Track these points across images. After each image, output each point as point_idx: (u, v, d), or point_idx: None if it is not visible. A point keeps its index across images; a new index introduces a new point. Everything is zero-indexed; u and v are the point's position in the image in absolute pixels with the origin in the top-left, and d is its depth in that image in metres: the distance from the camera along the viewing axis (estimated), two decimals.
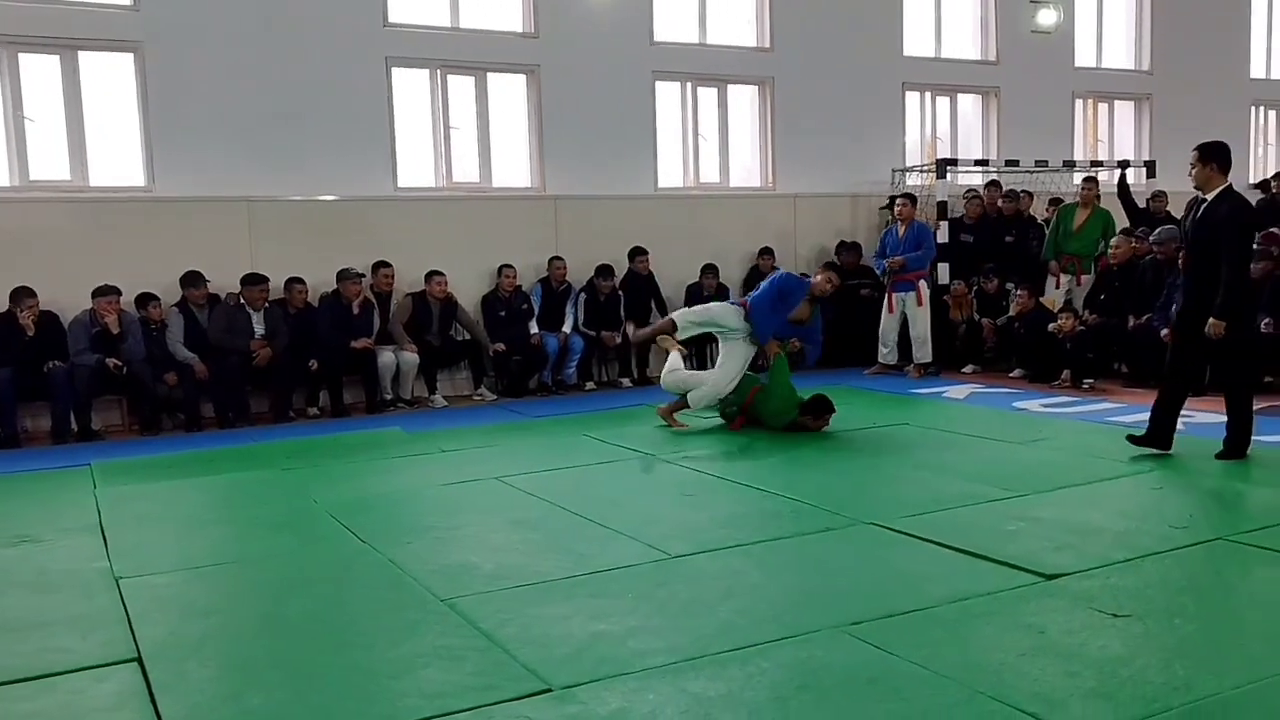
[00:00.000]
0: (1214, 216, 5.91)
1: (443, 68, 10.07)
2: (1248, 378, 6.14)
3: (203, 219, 8.99)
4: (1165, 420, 6.25)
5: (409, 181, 10.01)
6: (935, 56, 12.51)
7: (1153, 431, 6.27)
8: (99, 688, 3.42)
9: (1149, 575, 4.18)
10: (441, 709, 3.13)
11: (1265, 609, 3.78)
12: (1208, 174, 5.99)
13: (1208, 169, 5.98)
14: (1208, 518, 4.92)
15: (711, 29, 11.27)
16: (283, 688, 3.34)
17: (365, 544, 4.92)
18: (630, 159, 10.75)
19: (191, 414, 8.43)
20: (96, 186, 8.92)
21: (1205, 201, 6.00)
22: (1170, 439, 6.27)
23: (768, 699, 3.15)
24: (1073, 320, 9.28)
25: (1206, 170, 5.99)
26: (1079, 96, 13.46)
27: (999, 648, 3.49)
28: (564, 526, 5.15)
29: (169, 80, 8.91)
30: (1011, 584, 4.10)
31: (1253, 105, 14.83)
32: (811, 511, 5.26)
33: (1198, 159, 6.04)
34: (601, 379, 10.38)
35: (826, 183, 11.60)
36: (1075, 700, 3.08)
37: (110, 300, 8.16)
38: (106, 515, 5.62)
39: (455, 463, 6.74)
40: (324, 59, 9.42)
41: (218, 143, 9.08)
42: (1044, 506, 5.21)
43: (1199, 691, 3.11)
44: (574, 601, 4.03)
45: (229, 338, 8.56)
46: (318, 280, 9.19)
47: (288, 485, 6.28)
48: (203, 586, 4.46)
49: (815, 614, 3.82)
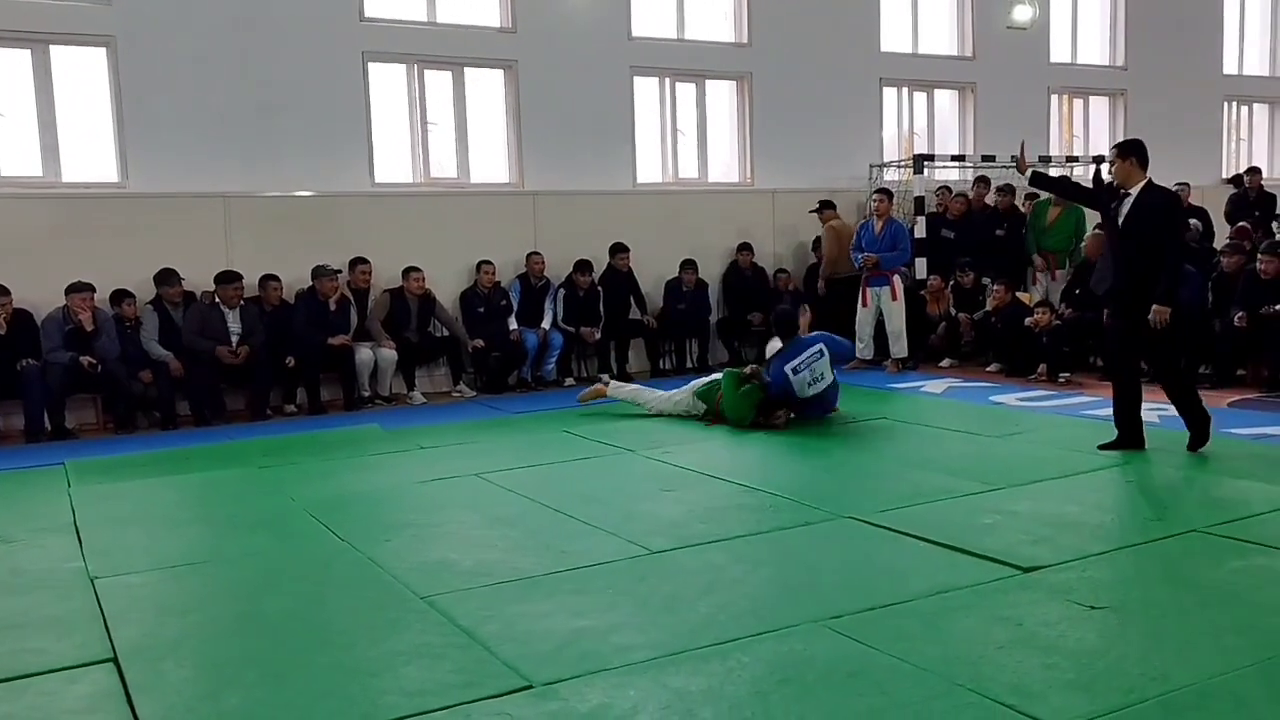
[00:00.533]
0: (1147, 208, 6.03)
1: (420, 63, 10.02)
2: (1181, 365, 6.21)
3: (177, 215, 8.90)
4: (1130, 419, 6.29)
5: (386, 177, 9.95)
6: (912, 52, 12.56)
7: (1121, 435, 6.31)
8: (74, 689, 3.39)
9: (1125, 567, 4.22)
10: (421, 707, 3.12)
11: (1238, 600, 3.82)
12: (1128, 169, 6.11)
13: (1128, 164, 6.10)
14: (1182, 510, 4.97)
15: (689, 24, 11.27)
16: (261, 687, 3.32)
17: (344, 542, 4.89)
18: (609, 154, 10.73)
19: (167, 412, 8.35)
20: (69, 183, 8.82)
21: (1131, 195, 6.10)
22: (1141, 437, 6.31)
23: (748, 693, 3.15)
24: (1049, 315, 9.35)
25: (1127, 166, 6.11)
26: (1054, 92, 13.56)
27: (977, 640, 3.52)
28: (544, 523, 5.14)
29: (142, 75, 8.83)
30: (989, 577, 4.13)
31: (1225, 101, 14.97)
32: (791, 506, 5.28)
33: (1117, 155, 6.19)
34: (581, 375, 10.37)
35: (804, 178, 11.62)
36: (1053, 692, 3.10)
37: (84, 297, 8.08)
38: (81, 515, 5.56)
39: (434, 460, 6.72)
40: (300, 54, 9.36)
41: (192, 138, 9.00)
42: (1021, 500, 5.24)
43: (1175, 682, 3.14)
44: (554, 598, 4.03)
45: (203, 340, 8.48)
46: (294, 277, 9.12)
47: (265, 483, 6.23)
48: (179, 586, 4.42)
49: (795, 608, 3.83)
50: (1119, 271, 6.18)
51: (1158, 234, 6.00)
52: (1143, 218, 6.04)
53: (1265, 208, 12.58)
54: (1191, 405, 6.21)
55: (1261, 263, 8.59)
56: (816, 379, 7.40)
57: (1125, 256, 6.13)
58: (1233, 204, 12.73)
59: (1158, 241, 6.00)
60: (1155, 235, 6.00)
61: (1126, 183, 6.14)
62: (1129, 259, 6.11)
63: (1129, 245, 6.11)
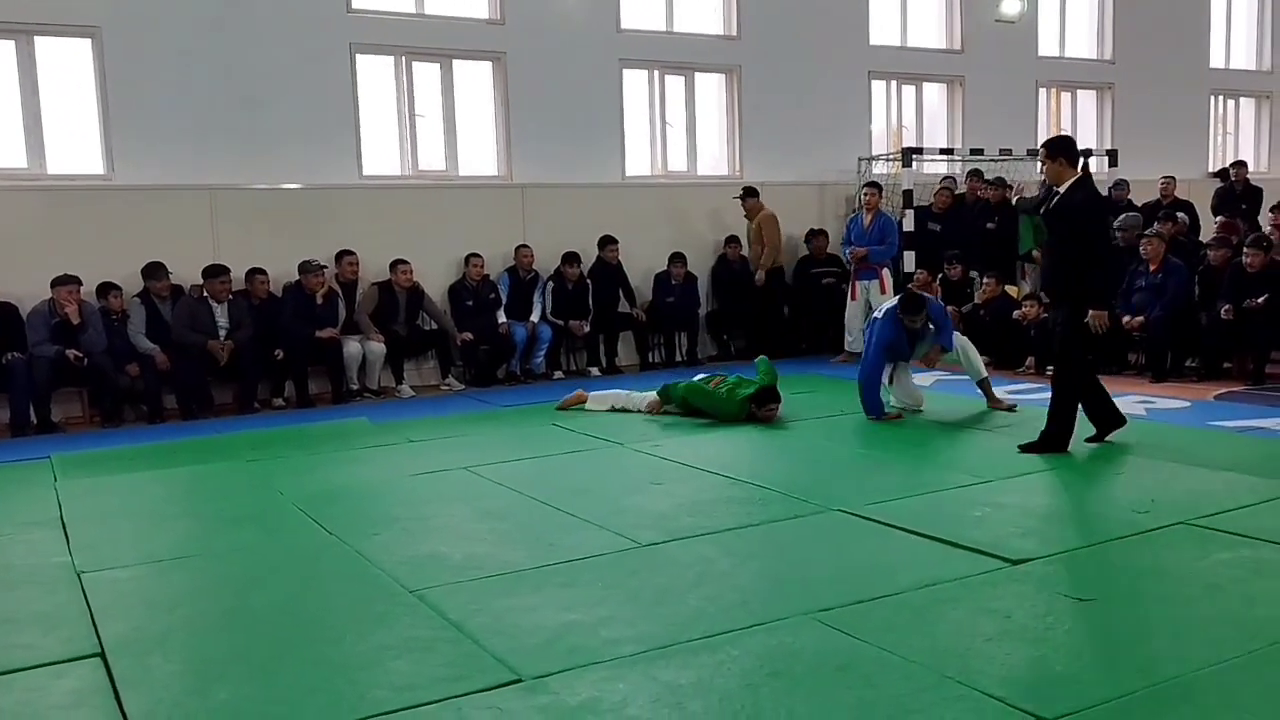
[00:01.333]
0: (1070, 206, 5.98)
1: (407, 54, 9.98)
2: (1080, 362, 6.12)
3: (164, 208, 8.85)
4: (1100, 405, 6.23)
5: (374, 170, 9.91)
6: (901, 46, 12.56)
7: (1099, 425, 6.26)
8: (61, 683, 3.37)
9: (1112, 559, 4.23)
10: (411, 700, 3.11)
11: (1225, 592, 3.84)
12: (1059, 168, 6.06)
13: (1058, 163, 6.06)
14: (1169, 502, 4.98)
15: (678, 17, 11.24)
16: (250, 681, 3.30)
17: (332, 536, 4.88)
18: (598, 147, 10.71)
19: (154, 405, 8.32)
20: (54, 175, 8.76)
21: (1059, 194, 6.09)
22: (1118, 414, 6.26)
23: (738, 686, 3.16)
24: (1037, 308, 9.37)
25: (1057, 165, 6.06)
26: (1042, 86, 13.58)
27: (966, 633, 3.53)
28: (533, 516, 5.14)
29: (128, 67, 8.76)
30: (978, 569, 4.14)
31: (1212, 94, 15.02)
32: (780, 499, 5.28)
33: (1047, 155, 6.14)
34: (570, 368, 10.36)
35: (793, 171, 11.62)
36: (1042, 683, 3.11)
37: (70, 290, 8.03)
38: (67, 509, 5.53)
39: (423, 453, 6.70)
40: (287, 45, 9.30)
41: (178, 130, 8.94)
42: (1009, 493, 5.26)
43: (1162, 673, 3.16)
44: (544, 591, 4.02)
45: (192, 334, 8.44)
46: (281, 270, 9.09)
47: (252, 477, 6.21)
48: (166, 581, 4.40)
49: (785, 601, 3.84)
50: (1045, 268, 6.23)
51: (1079, 233, 5.95)
52: (1066, 216, 6.01)
53: (1251, 201, 12.64)
54: (1066, 408, 6.10)
55: (1247, 256, 8.63)
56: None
57: (1051, 254, 6.18)
58: (1219, 197, 12.79)
59: (1080, 240, 5.96)
60: (1077, 234, 5.96)
61: (1057, 182, 6.11)
62: (1053, 256, 6.16)
63: (1054, 243, 6.14)
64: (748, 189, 10.75)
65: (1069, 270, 6.02)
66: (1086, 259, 5.96)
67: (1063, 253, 6.09)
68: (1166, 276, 8.86)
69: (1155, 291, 8.84)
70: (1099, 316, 5.94)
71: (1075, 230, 5.97)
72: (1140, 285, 8.96)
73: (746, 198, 10.71)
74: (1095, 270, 5.99)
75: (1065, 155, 6.07)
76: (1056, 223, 6.11)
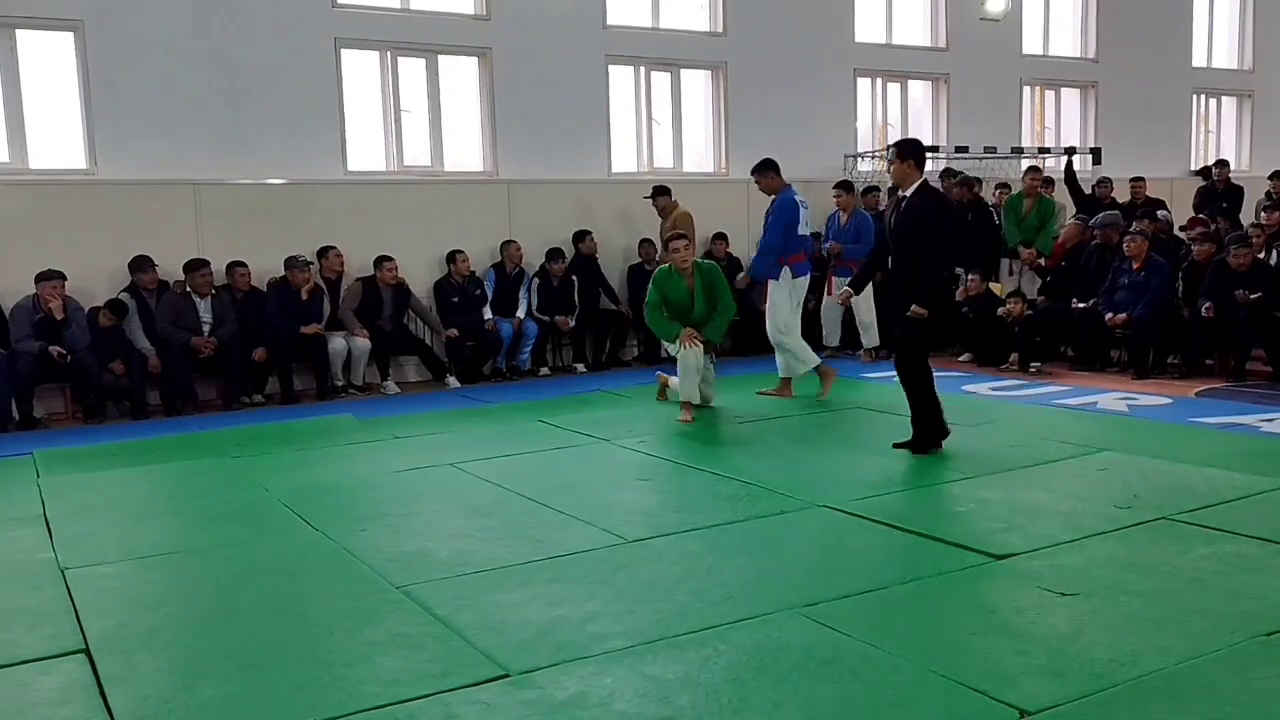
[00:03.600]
0: (915, 211, 5.96)
1: (393, 50, 9.95)
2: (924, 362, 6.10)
3: (147, 203, 8.81)
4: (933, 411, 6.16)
5: (359, 165, 9.88)
6: (886, 43, 12.60)
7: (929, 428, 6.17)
8: (45, 680, 3.35)
9: (1095, 554, 4.27)
10: (398, 696, 3.12)
11: (1206, 586, 3.88)
12: (905, 170, 6.02)
13: (905, 165, 6.02)
14: (1151, 497, 5.03)
15: (664, 13, 11.25)
16: (236, 678, 3.30)
17: (318, 532, 4.87)
18: (584, 143, 10.71)
19: (137, 402, 8.28)
20: (37, 169, 8.70)
21: (905, 198, 6.04)
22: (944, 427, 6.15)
23: (725, 680, 3.17)
24: (1021, 305, 9.43)
25: (904, 167, 6.02)
26: (1026, 84, 13.65)
27: (951, 627, 3.55)
28: (520, 512, 5.14)
29: (111, 60, 8.71)
30: (962, 564, 4.17)
31: (1194, 93, 15.12)
32: (765, 494, 5.30)
33: (896, 156, 6.09)
34: (556, 364, 10.36)
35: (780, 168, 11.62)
36: (1025, 677, 3.14)
37: (54, 285, 7.97)
38: (51, 505, 5.50)
39: (408, 449, 6.69)
40: (271, 40, 9.26)
41: (162, 125, 8.89)
42: (993, 488, 5.29)
43: (1144, 667, 3.19)
44: (531, 587, 4.03)
45: (176, 330, 8.40)
46: (266, 265, 9.05)
47: (237, 473, 6.19)
48: (152, 577, 4.38)
49: (771, 596, 3.86)
50: (891, 271, 6.23)
51: (921, 236, 5.93)
52: (910, 220, 5.98)
53: (1232, 200, 12.73)
54: (923, 405, 6.08)
55: (1232, 255, 8.70)
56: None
57: (895, 257, 6.16)
58: (1201, 196, 12.88)
59: (921, 244, 5.93)
60: (919, 237, 5.94)
61: (903, 184, 6.07)
62: (898, 260, 6.13)
63: (898, 246, 6.11)
64: (658, 188, 10.36)
65: (914, 272, 5.97)
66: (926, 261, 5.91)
67: (908, 255, 6.03)
68: (1149, 274, 8.92)
69: (1138, 289, 8.90)
70: (918, 313, 5.91)
71: (918, 233, 5.92)
72: (1123, 283, 9.02)
73: (658, 196, 10.30)
74: (930, 272, 5.94)
75: (914, 158, 6.04)
76: (903, 225, 6.03)
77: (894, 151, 6.17)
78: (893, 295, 6.23)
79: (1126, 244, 9.08)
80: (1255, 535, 4.41)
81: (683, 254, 7.43)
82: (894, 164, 6.13)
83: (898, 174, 6.13)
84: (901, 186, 6.13)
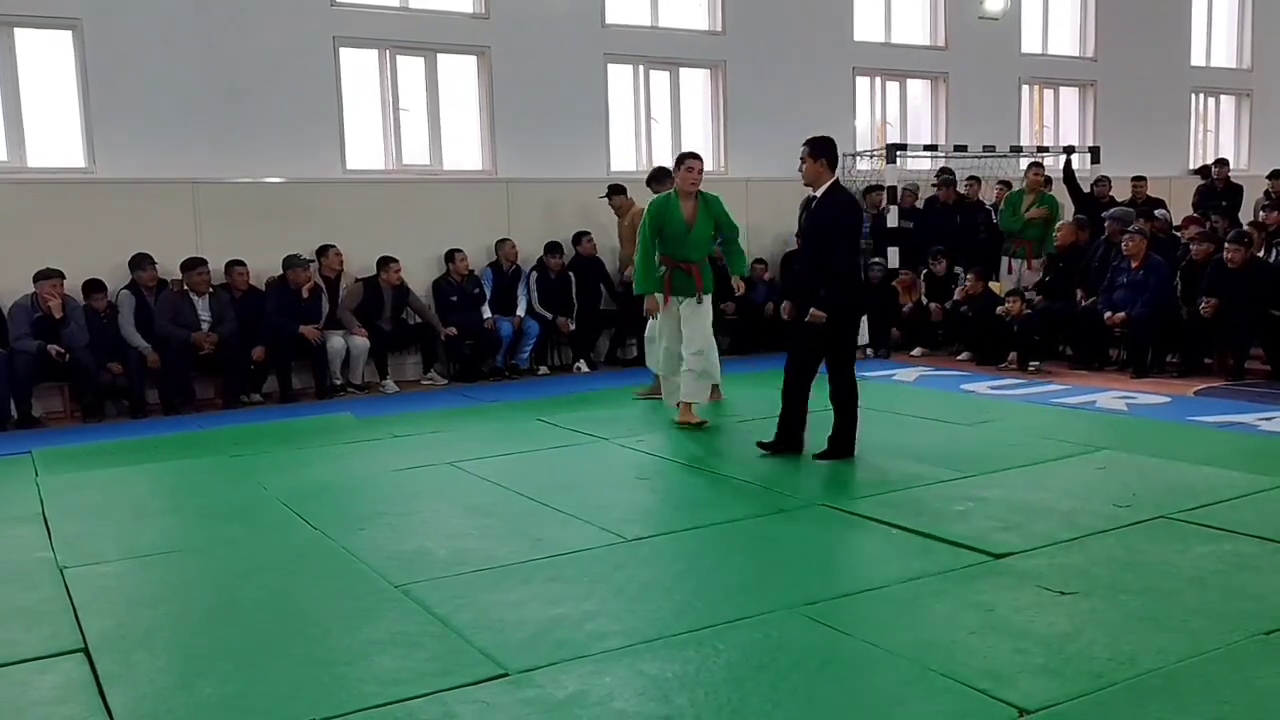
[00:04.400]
0: (824, 213, 5.86)
1: (392, 48, 9.94)
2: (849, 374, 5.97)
3: (146, 201, 8.79)
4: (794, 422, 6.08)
5: (358, 164, 9.87)
6: (885, 42, 12.60)
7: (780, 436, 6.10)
8: (44, 679, 3.35)
9: (1094, 553, 4.27)
10: (397, 695, 3.11)
11: (1205, 585, 3.88)
12: (818, 170, 5.88)
13: (818, 164, 5.87)
14: (1150, 496, 5.03)
15: (663, 12, 11.24)
16: (235, 677, 3.30)
17: (317, 531, 4.87)
18: (582, 142, 10.70)
19: (136, 400, 8.27)
20: (35, 168, 8.69)
21: (816, 199, 5.93)
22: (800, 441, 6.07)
23: (724, 679, 3.17)
24: (1020, 303, 9.43)
25: (817, 166, 5.88)
26: (1025, 83, 13.64)
27: (950, 626, 3.55)
28: (519, 511, 5.13)
29: (109, 59, 8.69)
30: (961, 563, 4.17)
31: (1193, 92, 15.12)
32: (764, 494, 5.30)
33: (808, 154, 5.91)
34: (555, 363, 10.36)
35: (778, 167, 11.60)
36: (1024, 676, 3.14)
37: (53, 284, 7.96)
38: (49, 504, 5.50)
39: (407, 448, 6.69)
40: (270, 38, 9.25)
41: (160, 123, 8.88)
42: (992, 487, 5.29)
43: (1143, 666, 3.19)
44: (530, 586, 4.03)
45: (175, 328, 8.39)
46: (265, 264, 9.04)
47: (236, 472, 6.19)
48: (150, 576, 4.38)
49: (770, 595, 3.85)
50: (800, 274, 6.07)
51: (831, 238, 5.81)
52: (820, 221, 5.88)
53: (1231, 199, 12.73)
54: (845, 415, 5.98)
55: (1229, 252, 8.70)
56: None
57: (805, 261, 6.02)
58: (1199, 195, 12.88)
59: (831, 246, 5.81)
60: (829, 239, 5.82)
61: (815, 184, 5.94)
62: (807, 262, 6.00)
63: (808, 248, 5.99)
64: (613, 186, 10.15)
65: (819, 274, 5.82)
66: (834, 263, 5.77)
67: (816, 256, 5.89)
68: (1148, 273, 8.92)
69: (1137, 288, 8.90)
70: (817, 317, 5.76)
71: (825, 235, 5.81)
72: (1122, 282, 9.03)
73: (614, 195, 10.08)
74: (837, 274, 5.78)
75: (826, 157, 5.88)
76: (812, 226, 5.93)
77: (805, 150, 5.95)
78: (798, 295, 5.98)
79: (1125, 243, 9.08)
80: (1254, 534, 4.41)
81: (695, 175, 6.99)
82: (805, 163, 5.94)
83: (810, 173, 5.92)
84: (814, 186, 5.96)
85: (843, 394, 5.97)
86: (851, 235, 5.96)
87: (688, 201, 7.06)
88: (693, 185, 7.02)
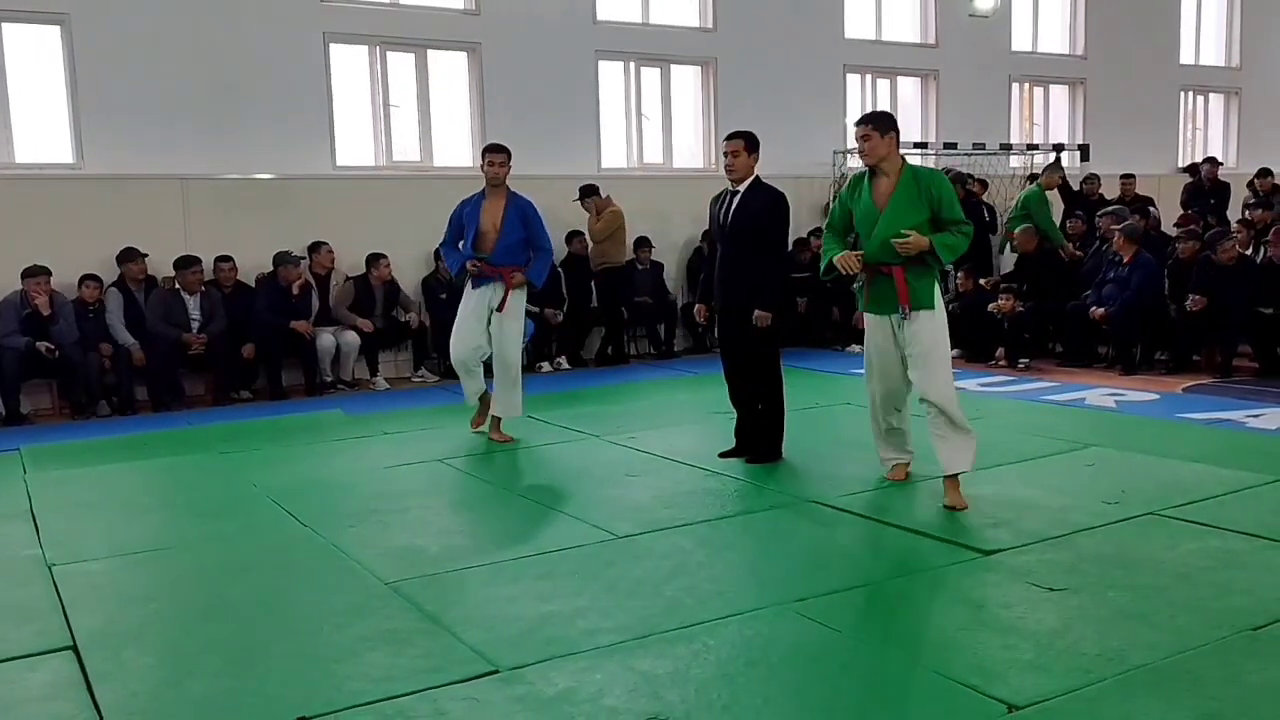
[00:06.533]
0: (752, 207, 5.66)
1: (382, 44, 9.91)
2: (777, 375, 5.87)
3: (135, 197, 8.76)
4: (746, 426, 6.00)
5: (348, 160, 9.84)
6: (876, 39, 12.61)
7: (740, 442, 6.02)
8: (33, 677, 3.34)
9: (1082, 550, 4.28)
10: (387, 692, 3.11)
11: (1192, 581, 3.90)
12: (751, 164, 5.67)
13: (752, 160, 5.67)
14: (1138, 493, 5.05)
15: (654, 9, 11.22)
16: (225, 674, 3.29)
17: (307, 528, 4.86)
18: (573, 139, 10.68)
19: (125, 397, 8.24)
20: (22, 164, 8.63)
21: (739, 193, 5.70)
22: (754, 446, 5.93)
23: (715, 676, 3.18)
24: (1011, 301, 9.45)
25: (751, 161, 5.67)
26: (1015, 80, 13.67)
27: (940, 622, 3.57)
28: (509, 508, 5.14)
29: (97, 54, 8.64)
30: (951, 560, 4.18)
31: (1182, 91, 15.17)
32: (755, 490, 5.31)
33: (744, 148, 5.65)
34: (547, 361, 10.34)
35: (768, 164, 11.32)
36: (1013, 672, 3.15)
37: (41, 281, 7.93)
38: (38, 501, 5.48)
39: (398, 445, 6.68)
40: (260, 34, 9.21)
41: (149, 119, 8.83)
42: (981, 484, 5.30)
43: (1132, 662, 3.21)
44: (520, 583, 4.03)
45: (166, 326, 8.36)
46: (254, 260, 9.01)
47: (226, 469, 6.17)
48: (140, 573, 4.37)
49: (761, 591, 3.86)
50: (728, 279, 5.72)
51: (761, 234, 5.62)
52: (748, 217, 5.64)
53: (1220, 197, 12.79)
54: (772, 419, 5.89)
55: (1220, 250, 8.73)
56: None
57: (733, 260, 5.71)
58: (1188, 193, 12.93)
59: (763, 242, 5.63)
60: (759, 236, 5.62)
61: (743, 177, 5.68)
62: (737, 263, 5.69)
63: (735, 247, 5.69)
64: (585, 187, 10.18)
65: (752, 274, 5.62)
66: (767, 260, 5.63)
67: (744, 256, 5.66)
68: (1134, 270, 8.95)
69: (1124, 284, 8.93)
70: (763, 318, 5.62)
71: (757, 231, 5.63)
72: (1110, 277, 9.06)
73: (586, 197, 10.14)
74: (772, 272, 5.66)
75: (757, 152, 5.70)
76: (739, 225, 5.66)
77: (741, 144, 5.66)
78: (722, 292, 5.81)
79: (1115, 240, 9.11)
80: (1242, 530, 4.44)
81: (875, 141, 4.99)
82: (739, 156, 5.65)
83: (744, 168, 5.67)
84: (741, 178, 5.70)
85: (770, 391, 5.86)
86: (785, 229, 5.80)
87: (892, 177, 5.52)
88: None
